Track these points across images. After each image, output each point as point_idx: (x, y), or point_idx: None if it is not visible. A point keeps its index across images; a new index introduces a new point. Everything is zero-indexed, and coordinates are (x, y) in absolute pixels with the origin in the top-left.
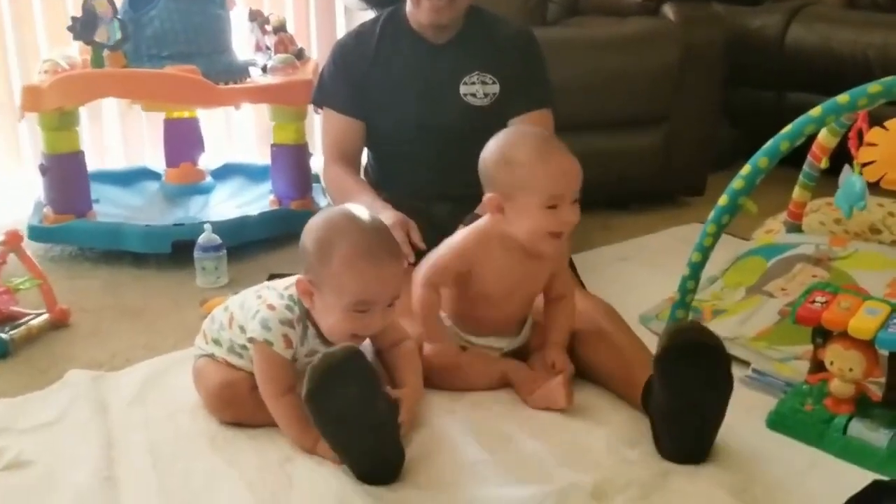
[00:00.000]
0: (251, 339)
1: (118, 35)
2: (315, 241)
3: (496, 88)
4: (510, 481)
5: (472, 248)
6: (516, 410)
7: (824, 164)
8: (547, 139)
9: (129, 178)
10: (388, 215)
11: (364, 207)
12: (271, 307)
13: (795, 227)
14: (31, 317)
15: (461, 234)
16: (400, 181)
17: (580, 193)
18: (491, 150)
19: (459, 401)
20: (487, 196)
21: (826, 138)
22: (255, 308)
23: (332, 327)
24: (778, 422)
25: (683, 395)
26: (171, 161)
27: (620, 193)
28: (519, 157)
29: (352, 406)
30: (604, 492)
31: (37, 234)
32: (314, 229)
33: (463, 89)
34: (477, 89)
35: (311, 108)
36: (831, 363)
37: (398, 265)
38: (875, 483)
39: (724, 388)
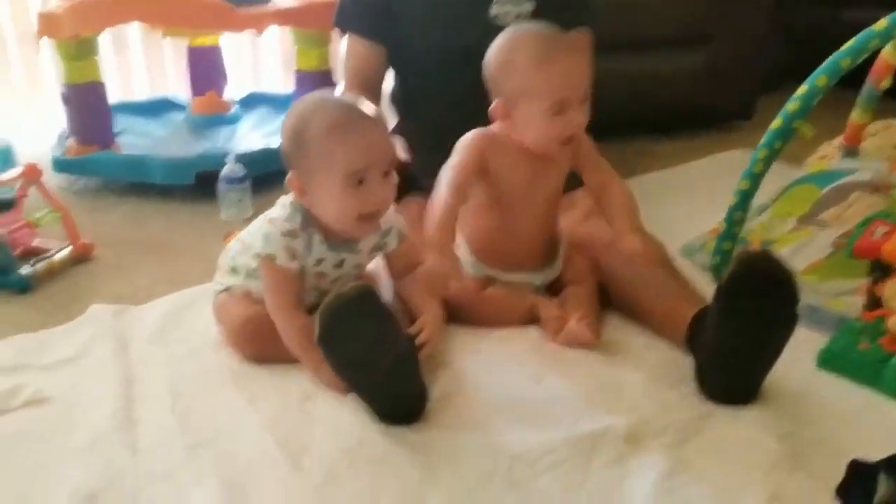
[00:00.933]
0: (256, 255)
1: None
2: (289, 134)
3: (529, 7)
4: (538, 424)
5: (485, 141)
6: (545, 349)
7: (887, 83)
8: (547, 38)
9: (154, 108)
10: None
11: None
12: (272, 221)
13: (852, 152)
14: (53, 251)
15: (466, 138)
16: (427, 105)
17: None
18: (492, 53)
19: (485, 338)
20: (493, 104)
21: (890, 54)
22: (258, 225)
23: (336, 214)
24: (829, 360)
25: (744, 330)
26: (197, 90)
27: (662, 118)
28: (518, 61)
29: (367, 348)
30: (639, 435)
31: (60, 165)
32: (286, 125)
33: (494, 9)
34: (508, 9)
35: (336, 33)
36: (890, 299)
37: (378, 127)
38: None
39: (788, 327)
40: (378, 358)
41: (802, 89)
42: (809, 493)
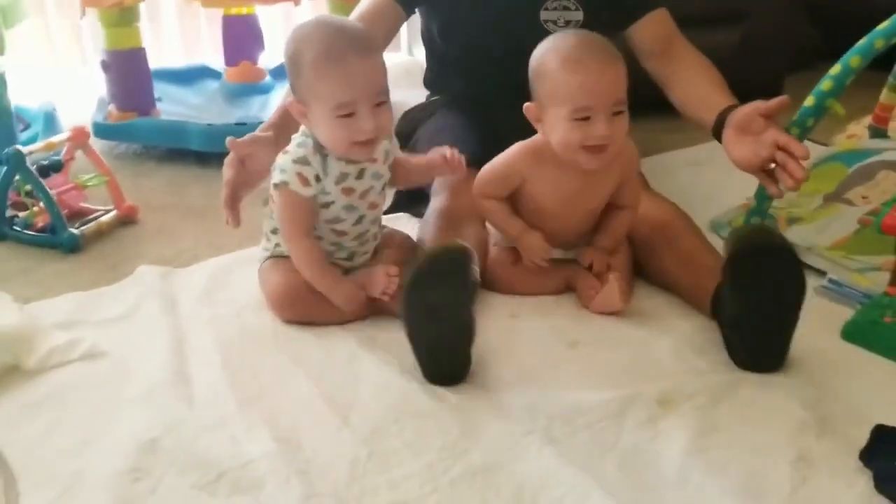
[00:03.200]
0: (274, 186)
1: None
2: (286, 60)
3: (579, 15)
4: (573, 387)
5: (523, 159)
6: (580, 316)
7: None
8: (584, 44)
9: (189, 76)
10: None
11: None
12: (285, 151)
13: (881, 133)
14: (100, 213)
15: (513, 147)
16: (463, 88)
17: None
18: (533, 56)
19: (522, 305)
20: (526, 105)
21: None
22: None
23: (328, 140)
24: (854, 333)
25: (754, 300)
26: (231, 59)
27: None
28: (548, 65)
29: (449, 302)
30: (671, 399)
31: (101, 131)
32: (285, 50)
33: (543, 15)
34: (558, 15)
35: None
36: None
37: (369, 60)
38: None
39: (796, 292)
40: (456, 317)
41: (836, 69)
42: (835, 456)
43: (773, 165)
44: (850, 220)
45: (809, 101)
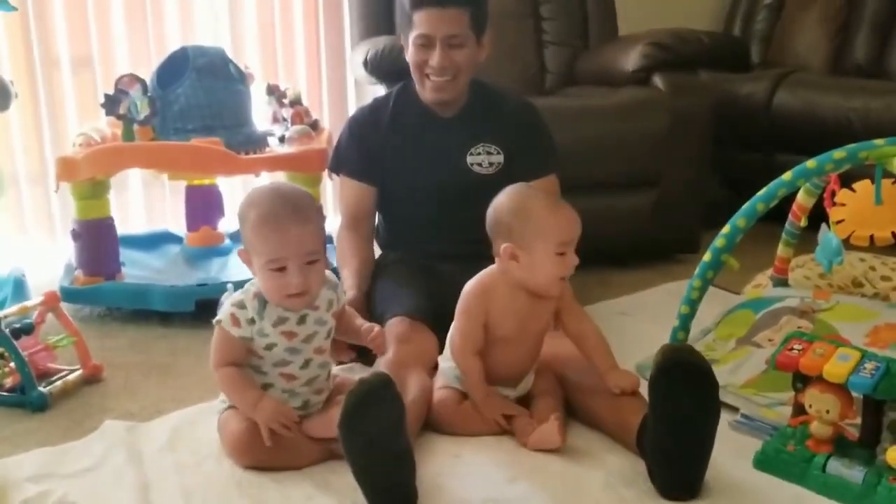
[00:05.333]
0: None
1: (146, 110)
2: (238, 215)
3: (500, 158)
4: None
5: (481, 299)
6: (518, 454)
7: (804, 222)
8: (552, 195)
9: (152, 241)
10: (350, 295)
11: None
12: (230, 296)
13: (782, 282)
14: (66, 372)
15: (470, 288)
16: (409, 241)
17: (579, 249)
18: (505, 203)
19: (464, 445)
20: (504, 246)
21: (804, 198)
22: None
23: (263, 287)
24: (763, 461)
25: (675, 415)
26: (192, 225)
27: (617, 251)
28: (535, 209)
29: (382, 432)
30: None
31: (68, 295)
32: (239, 206)
33: (469, 159)
34: (483, 159)
35: (325, 174)
36: (810, 406)
37: (303, 226)
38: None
39: (712, 410)
40: (391, 442)
41: (726, 229)
42: None
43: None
44: (759, 361)
45: (707, 257)
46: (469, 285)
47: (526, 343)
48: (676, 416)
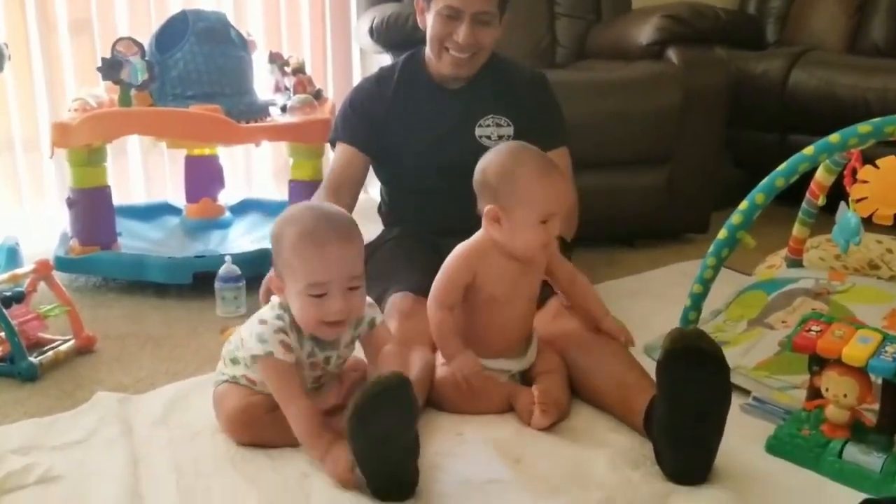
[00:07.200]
0: (254, 357)
1: (144, 75)
2: (273, 234)
3: (510, 130)
4: (518, 499)
5: (473, 257)
6: (522, 432)
7: (822, 201)
8: (547, 159)
9: (151, 212)
10: None
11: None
12: (263, 321)
13: (796, 263)
14: (58, 343)
15: (459, 249)
16: (411, 216)
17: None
18: (493, 163)
19: (468, 423)
20: (487, 208)
21: (823, 176)
22: (251, 326)
23: (299, 316)
24: (776, 446)
25: (685, 400)
26: (192, 197)
27: (626, 230)
28: (522, 173)
29: (393, 428)
30: None
31: (63, 264)
32: (273, 226)
33: (478, 131)
34: (492, 131)
35: (328, 146)
36: (826, 390)
37: (347, 247)
38: (866, 501)
39: (723, 396)
40: (400, 438)
41: (744, 205)
42: None
43: None
44: (772, 343)
45: (722, 234)
46: (460, 246)
47: (518, 306)
48: (686, 402)
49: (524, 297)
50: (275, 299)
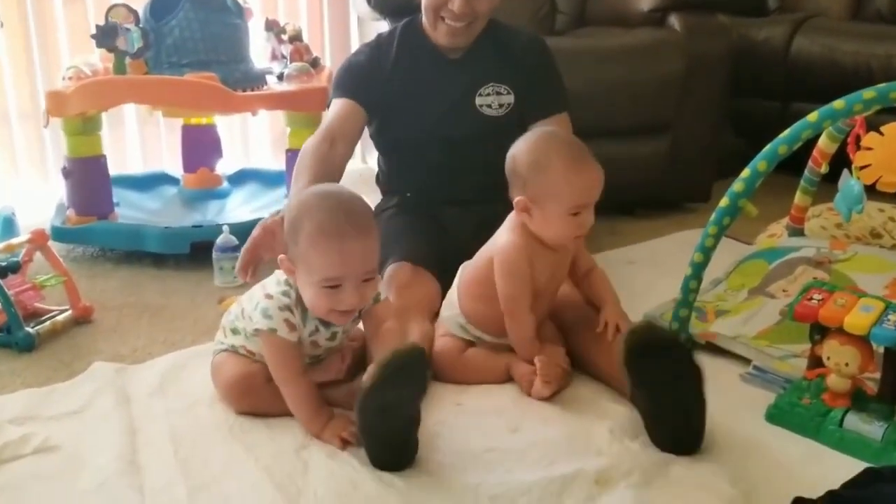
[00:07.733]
0: (256, 331)
1: (139, 43)
2: (288, 221)
3: (511, 99)
4: (515, 468)
5: (525, 250)
6: (521, 402)
7: (824, 168)
8: (579, 148)
9: (148, 182)
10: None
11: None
12: (269, 296)
13: (797, 232)
14: (55, 313)
15: (508, 254)
16: (411, 186)
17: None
18: (524, 151)
19: (467, 392)
20: (517, 199)
21: (826, 143)
22: (256, 299)
23: (310, 304)
24: (776, 415)
25: (656, 393)
26: (189, 166)
27: (627, 199)
28: (553, 164)
29: (403, 399)
30: (607, 477)
31: (59, 234)
32: (288, 210)
33: (478, 101)
34: (492, 100)
35: (325, 114)
36: (828, 358)
37: (365, 241)
38: (868, 469)
39: (690, 374)
40: (407, 409)
41: (746, 172)
42: None
43: None
44: (773, 312)
45: (724, 202)
46: (505, 248)
47: (550, 293)
48: (656, 390)
49: (557, 282)
50: (279, 274)
